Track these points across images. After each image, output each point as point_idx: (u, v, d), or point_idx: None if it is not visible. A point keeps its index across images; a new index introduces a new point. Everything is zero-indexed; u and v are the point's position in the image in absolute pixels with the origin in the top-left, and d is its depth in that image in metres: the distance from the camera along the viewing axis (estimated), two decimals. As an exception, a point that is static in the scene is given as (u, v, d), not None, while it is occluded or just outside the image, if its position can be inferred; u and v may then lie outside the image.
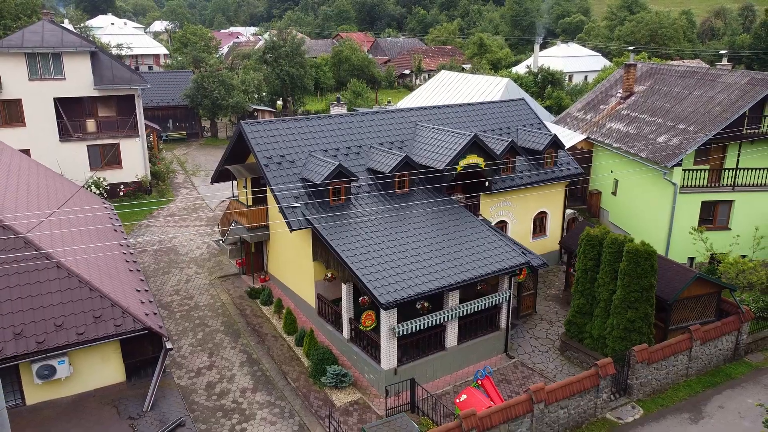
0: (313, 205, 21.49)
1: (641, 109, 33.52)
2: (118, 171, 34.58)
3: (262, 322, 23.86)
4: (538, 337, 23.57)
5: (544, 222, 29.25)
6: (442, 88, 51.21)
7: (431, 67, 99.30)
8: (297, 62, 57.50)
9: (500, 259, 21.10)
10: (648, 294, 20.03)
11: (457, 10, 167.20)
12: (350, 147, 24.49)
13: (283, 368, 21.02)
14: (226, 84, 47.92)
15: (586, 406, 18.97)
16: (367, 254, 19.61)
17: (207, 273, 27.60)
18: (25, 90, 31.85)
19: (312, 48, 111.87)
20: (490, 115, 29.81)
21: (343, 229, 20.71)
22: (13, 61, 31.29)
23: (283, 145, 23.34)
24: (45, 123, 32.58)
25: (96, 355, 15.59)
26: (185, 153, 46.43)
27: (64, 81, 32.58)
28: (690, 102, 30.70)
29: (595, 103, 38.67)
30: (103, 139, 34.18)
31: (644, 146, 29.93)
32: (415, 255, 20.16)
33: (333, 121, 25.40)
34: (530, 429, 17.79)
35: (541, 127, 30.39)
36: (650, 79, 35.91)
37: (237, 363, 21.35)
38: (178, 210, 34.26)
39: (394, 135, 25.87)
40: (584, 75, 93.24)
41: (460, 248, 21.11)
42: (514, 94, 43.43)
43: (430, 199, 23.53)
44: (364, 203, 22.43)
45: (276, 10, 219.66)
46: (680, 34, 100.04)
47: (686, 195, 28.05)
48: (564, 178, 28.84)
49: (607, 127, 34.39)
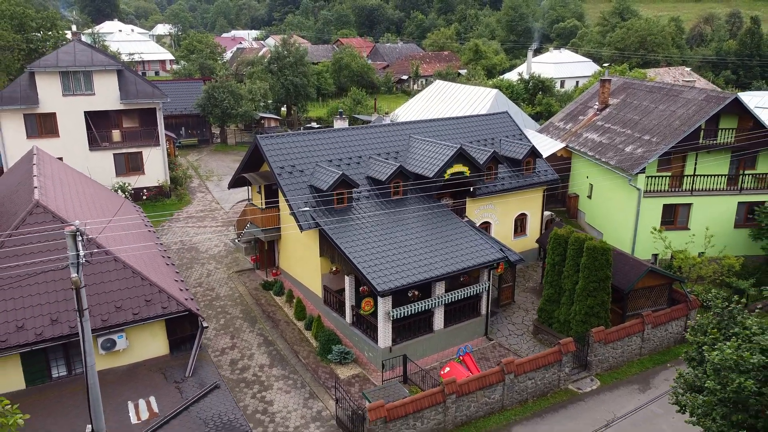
0: (320, 209, 25.07)
1: (614, 121, 37.14)
2: (141, 177, 38.19)
3: (275, 310, 27.46)
4: (515, 323, 27.17)
5: (524, 223, 32.85)
6: (437, 96, 54.80)
7: (428, 72, 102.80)
8: (300, 72, 61.05)
9: (480, 254, 24.69)
10: (604, 284, 23.65)
11: (455, 14, 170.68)
12: (351, 157, 28.07)
13: (295, 348, 24.62)
14: (235, 94, 51.48)
15: (550, 378, 22.58)
16: (367, 250, 23.19)
17: (225, 268, 31.20)
18: (59, 104, 35.46)
19: (313, 53, 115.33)
20: (476, 127, 33.39)
21: (346, 229, 24.30)
22: (49, 79, 34.90)
23: (294, 156, 26.92)
24: (76, 134, 36.17)
25: (146, 331, 19.12)
26: (198, 159, 50.05)
27: (94, 96, 36.18)
28: (655, 115, 34.32)
29: (575, 113, 42.27)
30: (127, 148, 37.80)
31: (614, 155, 33.55)
32: (407, 251, 23.74)
33: (336, 135, 28.99)
34: (502, 395, 21.41)
35: (522, 137, 33.96)
36: (623, 93, 39.53)
37: (255, 344, 24.96)
38: (195, 212, 37.89)
39: (390, 147, 29.45)
40: (576, 80, 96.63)
41: (447, 245, 24.70)
42: (502, 104, 47.03)
43: (421, 204, 27.13)
44: (364, 207, 26.01)
45: (276, 13, 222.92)
46: (669, 41, 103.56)
47: (649, 199, 31.64)
48: (541, 184, 32.44)
49: (584, 137, 37.99)
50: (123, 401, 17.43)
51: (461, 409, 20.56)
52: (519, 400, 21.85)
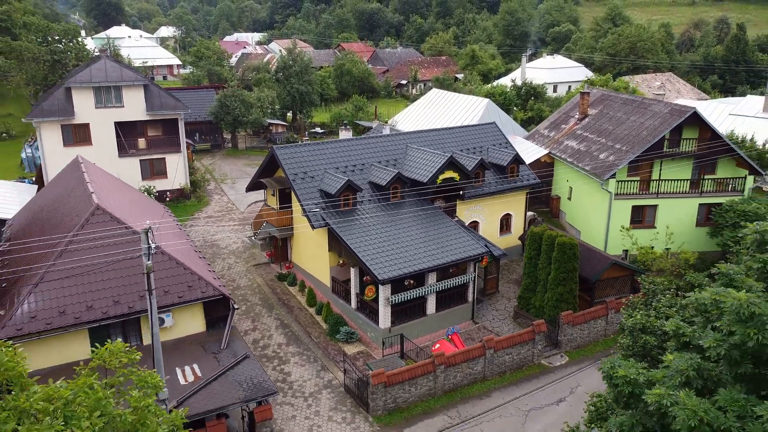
0: (328, 210, 29.08)
1: (591, 130, 41.15)
2: (164, 180, 42.19)
3: (289, 298, 31.49)
4: (498, 309, 31.20)
5: (509, 222, 36.87)
6: (433, 104, 58.80)
7: (427, 77, 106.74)
8: (305, 80, 65.04)
9: (467, 249, 28.71)
10: (572, 274, 27.69)
11: (453, 18, 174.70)
12: (356, 165, 32.07)
13: (307, 330, 28.65)
14: (246, 102, 55.47)
15: (525, 354, 26.62)
16: (369, 245, 27.21)
17: (243, 262, 35.23)
18: (92, 116, 39.45)
19: (315, 58, 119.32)
20: (466, 136, 37.40)
21: (352, 228, 28.31)
22: (84, 93, 38.88)
23: (306, 164, 30.92)
24: (107, 142, 40.17)
25: (188, 312, 23.11)
26: (212, 163, 54.08)
27: (123, 108, 40.19)
28: (627, 126, 38.34)
29: (558, 122, 46.28)
30: (152, 155, 41.81)
31: (589, 161, 37.57)
32: (404, 246, 27.76)
33: (342, 145, 33.01)
34: (483, 367, 25.45)
35: (507, 146, 37.96)
36: (601, 104, 43.53)
37: (273, 326, 28.99)
38: (214, 212, 41.90)
39: (389, 155, 33.45)
40: (568, 85, 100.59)
41: (438, 241, 28.72)
42: (493, 112, 51.06)
43: (416, 206, 31.13)
44: (367, 208, 30.02)
45: (278, 15, 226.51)
46: (658, 47, 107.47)
47: (620, 201, 35.65)
48: (524, 187, 36.47)
49: (565, 144, 42.01)
50: (172, 367, 21.45)
51: (449, 378, 24.60)
52: (498, 371, 25.89)
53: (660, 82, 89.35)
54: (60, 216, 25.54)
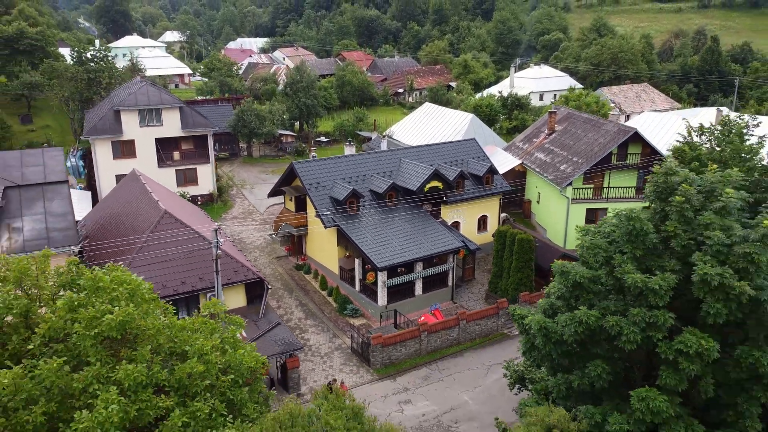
0: (337, 213, 36.62)
1: (556, 144, 48.76)
2: (195, 187, 49.72)
3: (305, 284, 39.10)
4: (474, 292, 38.82)
5: (485, 222, 44.44)
6: (426, 116, 66.36)
7: (422, 85, 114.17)
8: (311, 94, 72.59)
9: (447, 244, 36.30)
10: (529, 264, 35.31)
11: (448, 25, 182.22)
12: (359, 176, 39.62)
13: (321, 307, 36.27)
14: (260, 116, 62.97)
15: (491, 325, 34.24)
16: (370, 241, 34.76)
17: (266, 255, 42.81)
18: (137, 133, 46.97)
19: (317, 66, 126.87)
20: (450, 151, 44.94)
21: (356, 227, 35.86)
22: (131, 115, 46.41)
23: (318, 176, 38.46)
24: (148, 155, 47.69)
25: (233, 291, 30.61)
26: (231, 170, 61.63)
27: (162, 126, 47.73)
28: (584, 141, 45.95)
29: (531, 136, 53.88)
30: (185, 165, 49.35)
31: (552, 171, 45.20)
32: (397, 241, 35.32)
33: (348, 160, 40.59)
34: (458, 334, 33.08)
35: (484, 158, 45.50)
36: (566, 122, 51.11)
37: (293, 305, 36.58)
38: (238, 214, 49.45)
39: (386, 168, 41.01)
40: (554, 94, 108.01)
41: (424, 238, 36.30)
42: (477, 126, 58.64)
43: (407, 209, 38.69)
44: (368, 212, 37.59)
45: (279, 20, 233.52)
46: (638, 57, 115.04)
47: (576, 205, 43.24)
48: (498, 193, 44.06)
49: (534, 156, 49.62)
50: (224, 330, 29.03)
51: (431, 342, 32.21)
52: (469, 338, 33.52)
53: (636, 93, 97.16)
54: (132, 219, 33.07)
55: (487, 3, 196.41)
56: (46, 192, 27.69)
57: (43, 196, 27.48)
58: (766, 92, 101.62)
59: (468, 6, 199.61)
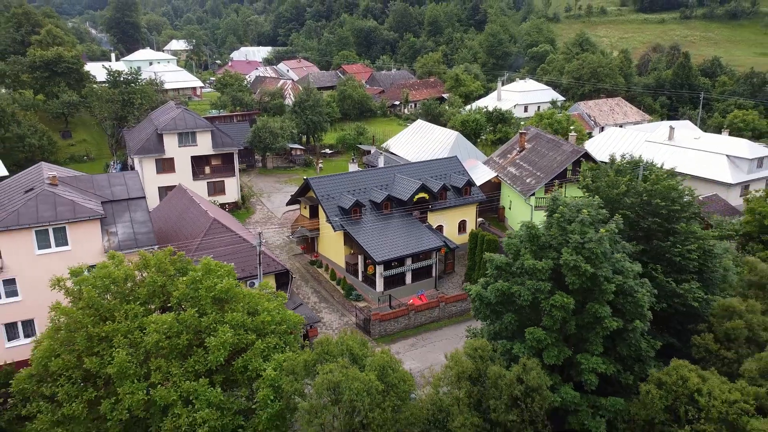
0: (344, 220, 46.23)
1: (525, 160, 58.46)
2: (223, 196, 59.33)
3: (318, 276, 48.75)
4: (453, 282, 48.50)
5: (464, 225, 54.07)
6: (418, 132, 76.19)
7: (417, 98, 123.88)
8: (317, 112, 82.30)
9: (432, 243, 45.96)
10: (495, 258, 44.95)
11: (443, 36, 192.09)
12: (361, 189, 49.21)
13: (332, 294, 45.95)
14: (274, 133, 72.58)
15: (465, 306, 43.86)
16: (370, 241, 44.39)
17: (285, 253, 52.42)
18: (176, 152, 56.56)
19: (319, 79, 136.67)
20: (436, 167, 54.57)
21: (359, 230, 45.49)
22: (171, 137, 56.01)
23: (329, 189, 48.06)
24: (185, 170, 57.25)
25: (266, 279, 40.20)
26: (249, 180, 71.23)
27: (196, 146, 57.38)
28: (546, 158, 55.65)
29: (506, 152, 63.59)
30: (215, 178, 58.96)
31: (520, 184, 54.91)
32: (392, 241, 44.95)
33: (352, 176, 50.24)
34: (438, 313, 42.78)
35: (464, 173, 55.11)
36: (534, 141, 60.80)
37: (309, 292, 46.23)
38: (259, 219, 59.07)
39: (383, 182, 50.60)
40: (537, 106, 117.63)
41: (413, 238, 45.94)
42: (461, 142, 68.39)
43: (400, 216, 48.32)
44: (368, 218, 47.22)
45: (281, 29, 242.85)
46: (616, 71, 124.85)
47: (538, 211, 52.85)
48: (475, 202, 53.72)
49: (507, 170, 59.33)
50: (261, 308, 38.72)
51: (417, 319, 41.89)
52: (447, 316, 43.19)
53: (609, 106, 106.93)
54: (185, 225, 42.67)
55: (480, 14, 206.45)
56: (131, 205, 37.26)
57: (128, 208, 37.06)
58: (730, 105, 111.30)
59: (461, 17, 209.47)
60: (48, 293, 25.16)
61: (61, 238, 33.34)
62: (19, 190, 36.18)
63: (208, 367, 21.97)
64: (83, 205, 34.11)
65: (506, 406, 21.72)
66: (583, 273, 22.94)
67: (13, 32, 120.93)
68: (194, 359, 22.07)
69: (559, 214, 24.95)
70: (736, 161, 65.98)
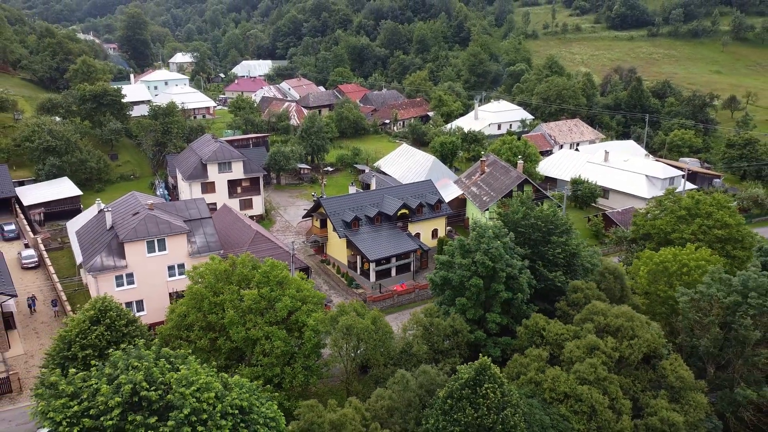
0: (346, 229, 63.61)
1: (484, 182, 76.09)
2: (251, 210, 76.61)
3: (328, 270, 66.29)
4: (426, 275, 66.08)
5: (437, 233, 71.65)
6: (403, 154, 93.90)
7: (405, 116, 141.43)
8: (321, 137, 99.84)
9: (410, 246, 63.55)
10: (455, 257, 62.75)
11: (430, 53, 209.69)
12: (358, 206, 66.61)
13: (338, 284, 63.51)
14: (286, 156, 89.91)
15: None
16: (366, 245, 61.86)
17: (301, 254, 69.75)
18: (216, 177, 73.78)
19: (319, 98, 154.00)
20: (415, 189, 72.05)
21: (357, 237, 62.93)
22: (213, 165, 73.24)
23: (335, 207, 65.47)
24: (223, 190, 74.46)
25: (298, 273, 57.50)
26: (267, 195, 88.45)
27: (231, 173, 74.69)
28: (499, 181, 73.28)
29: (471, 174, 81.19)
30: (245, 196, 76.27)
31: (478, 201, 72.58)
32: (381, 245, 62.45)
33: (352, 197, 67.79)
34: (414, 296, 60.43)
35: (436, 193, 72.60)
36: (492, 166, 78.40)
37: (321, 283, 63.75)
38: (279, 228, 76.34)
39: (375, 201, 68.04)
40: (509, 124, 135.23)
41: (397, 243, 63.46)
42: (436, 165, 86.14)
43: (388, 227, 65.77)
44: (364, 228, 64.69)
45: (279, 43, 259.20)
46: (579, 93, 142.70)
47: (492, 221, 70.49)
48: (444, 215, 71.34)
49: (470, 189, 76.98)
50: (291, 293, 56.37)
51: (399, 300, 59.50)
52: (421, 299, 60.75)
53: (568, 127, 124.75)
54: (233, 235, 59.92)
55: (464, 32, 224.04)
56: (202, 222, 54.52)
57: (201, 224, 54.30)
58: (674, 124, 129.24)
59: (447, 34, 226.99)
60: (152, 283, 42.81)
61: (162, 245, 50.66)
62: (127, 214, 53.44)
63: (277, 320, 39.39)
64: (176, 224, 51.50)
65: (441, 339, 39.35)
66: (488, 266, 40.57)
67: (49, 60, 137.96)
68: (269, 315, 39.44)
69: (476, 232, 42.60)
70: (653, 180, 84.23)
